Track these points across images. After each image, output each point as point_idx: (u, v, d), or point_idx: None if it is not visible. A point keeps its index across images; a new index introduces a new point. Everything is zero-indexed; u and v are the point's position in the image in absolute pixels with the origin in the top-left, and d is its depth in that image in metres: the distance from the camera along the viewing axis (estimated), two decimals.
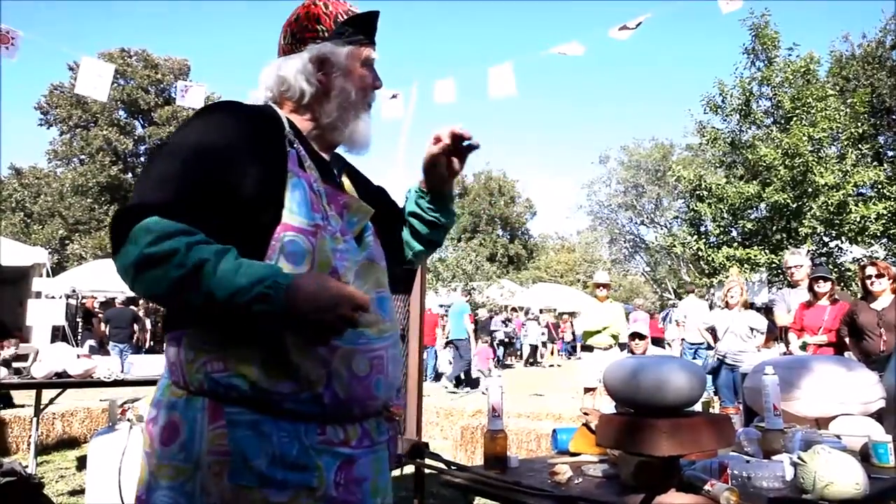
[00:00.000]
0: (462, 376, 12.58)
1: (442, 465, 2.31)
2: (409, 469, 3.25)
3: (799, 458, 1.88)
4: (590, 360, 7.22)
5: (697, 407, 2.10)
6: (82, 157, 30.12)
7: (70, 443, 6.13)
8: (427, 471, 2.84)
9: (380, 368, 1.23)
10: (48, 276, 11.91)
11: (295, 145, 1.26)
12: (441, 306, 21.30)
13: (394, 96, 6.05)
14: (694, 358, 9.66)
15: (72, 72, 27.01)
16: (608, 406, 3.51)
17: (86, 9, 49.07)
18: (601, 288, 7.45)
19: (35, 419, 4.98)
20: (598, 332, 7.23)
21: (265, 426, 1.11)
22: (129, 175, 30.51)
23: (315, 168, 1.27)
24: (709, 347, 12.43)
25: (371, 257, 1.32)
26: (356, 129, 1.34)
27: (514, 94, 5.91)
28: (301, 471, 1.12)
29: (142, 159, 32.37)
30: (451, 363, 13.12)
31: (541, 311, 21.61)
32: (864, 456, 2.21)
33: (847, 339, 4.89)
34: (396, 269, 1.50)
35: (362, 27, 1.34)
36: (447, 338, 13.23)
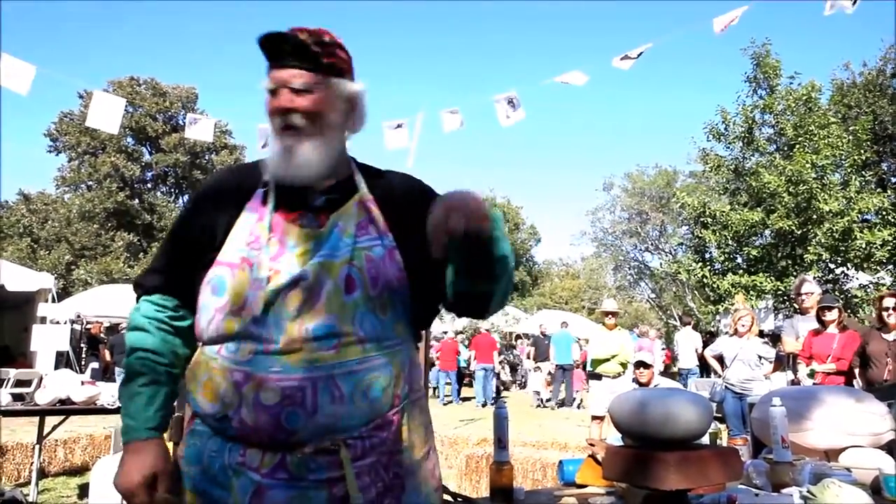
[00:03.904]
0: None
1: (448, 498, 2.29)
2: None
3: (809, 491, 1.85)
4: (598, 389, 7.16)
5: (705, 439, 2.08)
6: (90, 183, 30.36)
7: (72, 470, 6.08)
8: None
9: (296, 400, 1.17)
10: (54, 301, 11.93)
11: (269, 185, 1.32)
12: (444, 332, 21.19)
13: (398, 126, 6.11)
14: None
15: (81, 99, 27.42)
16: (616, 435, 3.47)
17: (96, 38, 49.95)
18: (609, 316, 7.41)
19: (37, 446, 4.95)
20: (607, 359, 7.18)
21: (204, 439, 1.26)
22: (136, 201, 30.71)
23: (273, 199, 1.31)
24: (701, 373, 12.73)
25: (309, 284, 1.21)
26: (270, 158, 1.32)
27: (523, 118, 5.95)
28: (220, 488, 1.21)
29: (148, 185, 32.65)
30: (547, 385, 14.57)
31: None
32: (875, 489, 2.18)
33: (857, 371, 4.87)
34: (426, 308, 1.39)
35: (268, 51, 1.31)
36: (555, 363, 14.20)
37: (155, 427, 1.29)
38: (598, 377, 7.25)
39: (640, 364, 5.95)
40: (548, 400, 14.30)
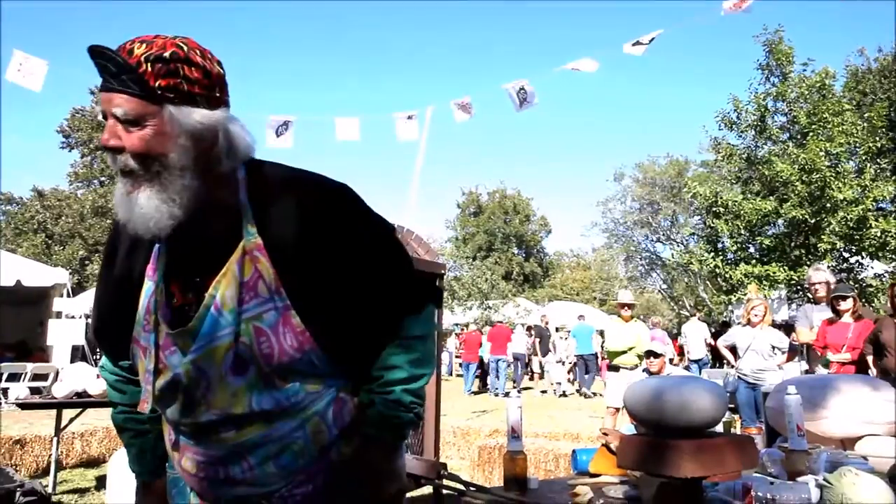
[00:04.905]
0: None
1: (461, 487, 2.30)
2: (428, 490, 3.23)
3: (825, 479, 1.84)
4: (615, 380, 7.15)
5: (719, 428, 2.07)
6: (102, 178, 30.56)
7: (90, 462, 6.16)
8: (445, 492, 2.82)
9: (209, 472, 1.21)
10: (68, 296, 12.05)
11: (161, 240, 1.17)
12: (456, 325, 21.21)
13: (409, 118, 6.11)
14: None
15: (93, 95, 27.57)
16: (629, 427, 3.46)
17: (106, 35, 50.18)
18: (625, 307, 7.36)
19: (55, 439, 5.02)
20: (624, 351, 7.16)
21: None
22: None
23: (162, 267, 1.19)
24: (714, 364, 12.76)
25: (185, 385, 1.16)
26: None
27: (535, 106, 5.94)
28: (182, 496, 1.32)
29: None
30: (568, 375, 15.39)
31: (556, 329, 21.43)
32: (893, 477, 2.16)
33: (870, 358, 4.81)
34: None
35: (96, 66, 1.08)
36: (576, 354, 14.62)
37: (153, 470, 1.40)
38: (616, 369, 7.23)
39: (651, 353, 5.94)
40: (577, 391, 14.64)
